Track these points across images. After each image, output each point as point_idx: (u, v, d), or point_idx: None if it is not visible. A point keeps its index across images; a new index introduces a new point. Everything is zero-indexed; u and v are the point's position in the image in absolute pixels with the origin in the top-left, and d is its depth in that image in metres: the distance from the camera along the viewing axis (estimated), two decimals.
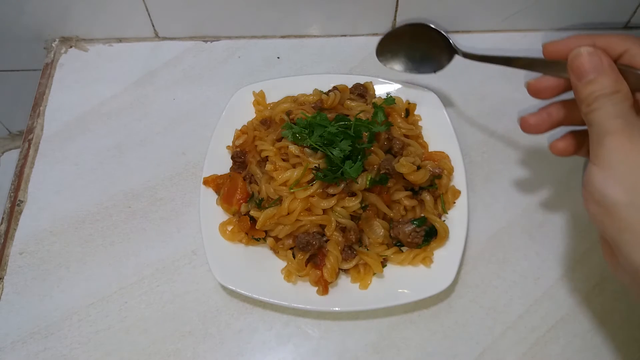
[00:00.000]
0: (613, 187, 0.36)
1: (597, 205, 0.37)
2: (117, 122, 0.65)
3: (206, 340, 0.52)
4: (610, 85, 0.37)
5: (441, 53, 0.56)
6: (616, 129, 0.36)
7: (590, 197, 0.38)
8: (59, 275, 0.55)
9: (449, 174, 0.56)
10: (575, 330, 0.51)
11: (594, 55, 0.38)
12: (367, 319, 0.52)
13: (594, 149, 0.38)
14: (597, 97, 0.37)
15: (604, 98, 0.37)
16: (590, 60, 0.38)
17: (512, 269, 0.54)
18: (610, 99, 0.37)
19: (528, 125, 0.46)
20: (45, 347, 0.52)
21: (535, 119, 0.45)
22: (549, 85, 0.44)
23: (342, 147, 0.51)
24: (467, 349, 0.50)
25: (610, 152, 0.36)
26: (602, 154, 0.37)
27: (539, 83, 0.45)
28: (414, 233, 0.52)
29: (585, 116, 0.39)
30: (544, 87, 0.45)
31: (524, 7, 0.66)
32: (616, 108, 0.37)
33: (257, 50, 0.70)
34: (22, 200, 0.60)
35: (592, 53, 0.38)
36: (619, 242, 0.36)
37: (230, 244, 0.54)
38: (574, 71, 0.39)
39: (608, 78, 0.38)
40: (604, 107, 0.37)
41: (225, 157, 0.59)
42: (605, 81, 0.37)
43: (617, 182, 0.36)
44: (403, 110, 0.60)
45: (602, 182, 0.37)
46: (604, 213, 0.37)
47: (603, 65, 0.38)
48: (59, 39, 0.71)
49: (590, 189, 0.38)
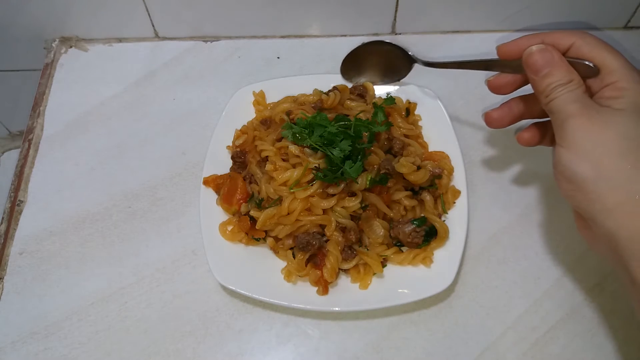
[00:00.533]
0: (580, 164, 0.39)
1: (568, 182, 0.41)
2: (117, 122, 0.65)
3: (206, 340, 0.52)
4: (563, 75, 0.42)
5: (402, 64, 0.60)
6: (575, 112, 0.40)
7: (561, 176, 0.41)
8: (59, 275, 0.55)
9: (449, 174, 0.56)
10: (575, 330, 0.51)
11: (546, 51, 0.43)
12: (367, 319, 0.52)
13: (558, 133, 0.41)
14: (553, 87, 0.42)
15: (560, 87, 0.41)
16: (542, 57, 0.43)
17: (512, 269, 0.54)
18: (566, 87, 0.41)
19: (492, 120, 0.50)
20: (45, 347, 0.52)
21: (498, 113, 0.50)
22: (507, 82, 0.49)
23: (342, 147, 0.51)
24: (467, 349, 0.50)
25: (574, 133, 0.40)
26: (566, 135, 0.40)
27: (498, 80, 0.49)
28: (414, 233, 0.52)
29: (546, 106, 0.43)
30: (502, 83, 0.49)
31: (524, 7, 0.66)
32: (572, 94, 0.41)
33: (257, 50, 0.70)
34: (22, 200, 0.60)
35: (543, 49, 0.43)
36: (592, 213, 0.39)
37: (230, 244, 0.54)
38: (529, 67, 0.44)
39: (560, 70, 0.42)
40: (562, 95, 0.41)
41: (225, 157, 0.59)
42: (558, 73, 0.42)
43: (583, 159, 0.39)
44: (403, 110, 0.60)
45: (570, 161, 0.40)
46: (575, 189, 0.40)
47: (554, 59, 0.42)
48: (59, 39, 0.71)
49: (560, 169, 0.41)
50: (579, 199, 0.40)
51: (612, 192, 0.38)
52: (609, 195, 0.38)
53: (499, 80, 0.49)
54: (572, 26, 0.69)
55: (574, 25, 0.69)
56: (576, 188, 0.40)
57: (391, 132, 0.56)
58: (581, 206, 0.41)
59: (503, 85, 0.49)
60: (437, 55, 0.68)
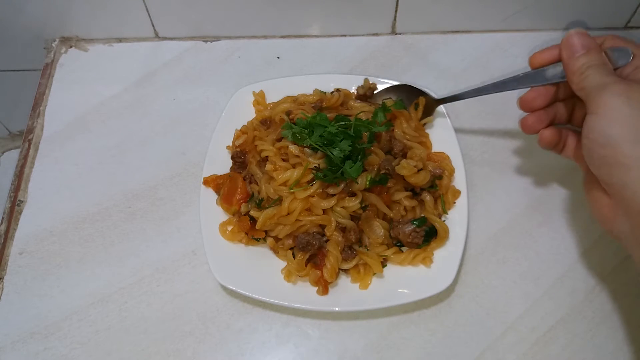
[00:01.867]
0: (618, 126, 0.39)
1: (603, 148, 0.40)
2: (117, 122, 0.65)
3: (206, 340, 0.52)
4: (598, 57, 0.44)
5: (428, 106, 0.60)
6: (613, 80, 0.41)
7: (594, 144, 0.41)
8: (59, 275, 0.55)
9: (449, 174, 0.56)
10: (575, 330, 0.51)
11: (584, 35, 0.45)
12: (367, 319, 0.52)
13: (593, 102, 0.42)
14: (588, 67, 0.43)
15: (594, 67, 0.43)
16: (581, 39, 0.45)
17: (512, 269, 0.54)
18: (600, 67, 0.43)
19: (528, 125, 0.50)
20: (45, 346, 0.52)
21: (534, 118, 0.50)
22: (539, 94, 0.49)
23: (342, 147, 0.51)
24: (467, 349, 0.50)
25: (612, 98, 0.40)
26: (603, 102, 0.41)
27: (529, 95, 0.49)
28: (414, 233, 0.52)
29: (579, 84, 0.43)
30: (534, 96, 0.49)
31: (524, 7, 0.66)
32: (607, 71, 0.43)
33: (257, 50, 0.70)
34: (22, 200, 0.60)
35: (582, 33, 0.45)
36: (626, 181, 0.39)
37: (230, 244, 0.54)
38: (567, 49, 0.45)
39: (596, 52, 0.44)
40: (596, 73, 0.42)
41: (225, 157, 0.59)
42: (594, 54, 0.44)
43: (621, 121, 0.39)
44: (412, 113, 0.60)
45: (606, 125, 0.40)
46: (610, 154, 0.40)
47: (592, 43, 0.44)
48: (59, 39, 0.71)
49: (593, 136, 0.41)
50: (611, 167, 0.40)
51: None
52: None
53: (531, 94, 0.49)
54: (572, 26, 0.69)
55: (574, 25, 0.69)
56: (610, 154, 0.40)
57: (393, 133, 0.56)
58: (613, 175, 0.40)
59: (535, 97, 0.49)
60: (437, 55, 0.68)
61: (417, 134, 0.58)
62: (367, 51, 0.69)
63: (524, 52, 0.68)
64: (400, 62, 0.68)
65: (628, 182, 0.39)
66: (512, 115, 0.63)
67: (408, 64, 0.67)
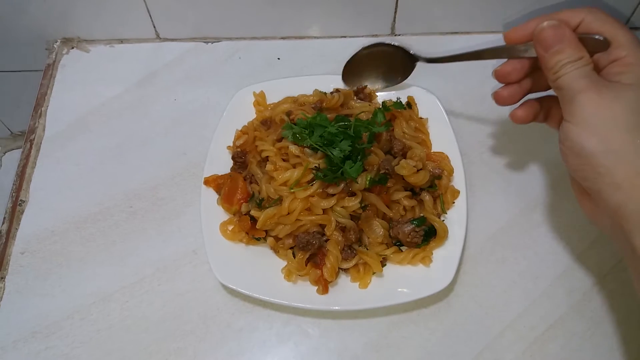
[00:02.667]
0: (589, 138, 0.40)
1: (577, 157, 0.41)
2: (118, 123, 0.65)
3: (207, 339, 0.52)
4: (573, 53, 0.42)
5: (403, 64, 0.60)
6: (585, 87, 0.41)
7: (569, 151, 0.42)
8: (60, 274, 0.56)
9: (449, 174, 0.57)
10: (573, 329, 0.51)
11: (557, 27, 0.43)
12: (367, 318, 0.52)
13: (566, 108, 0.42)
14: (563, 64, 0.42)
15: (569, 64, 0.41)
16: (554, 33, 0.43)
17: (511, 269, 0.54)
18: (575, 65, 0.41)
19: (502, 98, 0.50)
20: (46, 346, 0.52)
21: (508, 91, 0.50)
22: (514, 68, 0.48)
23: (342, 147, 0.51)
24: (466, 348, 0.51)
25: (583, 108, 0.40)
26: (575, 111, 0.41)
27: (505, 68, 0.49)
28: (414, 233, 0.52)
29: (554, 82, 0.43)
30: (509, 70, 0.49)
31: (523, 8, 0.67)
32: (581, 71, 0.41)
33: (257, 51, 0.70)
34: (23, 200, 0.60)
35: (554, 25, 0.43)
36: (600, 186, 0.40)
37: (231, 243, 0.55)
38: (540, 43, 0.43)
39: (571, 46, 0.42)
40: (571, 72, 0.41)
41: (225, 157, 0.59)
42: (568, 49, 0.42)
43: (591, 133, 0.40)
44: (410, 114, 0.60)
45: (579, 135, 0.40)
46: (584, 163, 0.41)
47: (565, 36, 0.42)
48: (60, 40, 0.71)
49: (568, 144, 0.42)
50: (587, 174, 0.41)
51: (620, 166, 0.39)
52: (617, 169, 0.39)
53: (506, 68, 0.49)
54: None
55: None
56: (584, 162, 0.40)
57: (393, 133, 0.57)
58: (588, 180, 0.41)
59: (510, 72, 0.49)
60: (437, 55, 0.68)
61: (417, 134, 0.59)
62: None
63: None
64: None
65: (602, 187, 0.40)
66: None
67: None
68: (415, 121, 0.60)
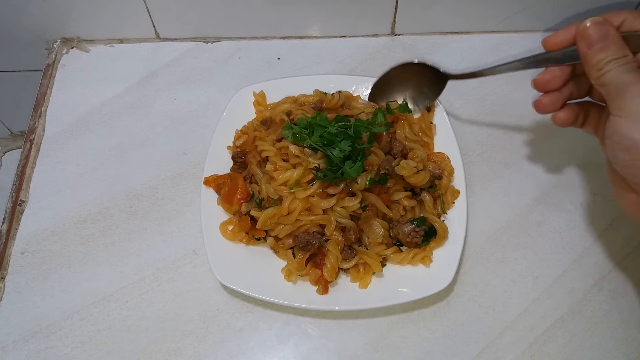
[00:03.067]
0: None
1: (627, 151, 0.40)
2: (118, 123, 0.65)
3: (207, 339, 0.52)
4: (617, 50, 0.41)
5: (434, 82, 0.58)
6: (633, 80, 0.40)
7: (618, 146, 0.41)
8: (60, 274, 0.56)
9: (449, 175, 0.57)
10: (573, 329, 0.51)
11: (601, 24, 0.42)
12: (367, 318, 0.52)
13: (614, 103, 0.41)
14: (607, 61, 0.41)
15: (614, 61, 0.41)
16: (598, 29, 0.42)
17: (511, 269, 0.54)
18: (619, 61, 0.41)
19: (543, 105, 0.48)
20: (46, 346, 0.52)
21: (549, 99, 0.48)
22: (553, 76, 0.47)
23: (342, 147, 0.51)
24: (466, 348, 0.51)
25: (634, 100, 0.39)
26: (625, 104, 0.40)
27: (544, 77, 0.48)
28: (414, 233, 0.52)
29: (598, 79, 0.42)
30: (549, 78, 0.47)
31: (523, 8, 0.67)
32: (626, 67, 0.41)
33: (257, 51, 0.70)
34: (23, 200, 0.60)
35: (598, 22, 0.42)
36: None
37: (231, 243, 0.55)
38: (584, 40, 0.43)
39: (615, 44, 0.41)
40: (616, 68, 0.41)
41: (225, 157, 0.59)
42: (613, 47, 0.41)
43: None
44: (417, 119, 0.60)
45: (630, 128, 0.39)
46: (635, 158, 0.39)
47: (609, 33, 0.42)
48: (60, 40, 0.71)
49: (617, 139, 0.40)
50: (637, 169, 0.40)
51: None
52: None
53: (545, 76, 0.47)
54: None
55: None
56: (636, 157, 0.39)
57: (394, 134, 0.57)
58: (638, 175, 0.40)
59: (550, 80, 0.47)
60: (437, 56, 0.68)
61: (420, 137, 0.59)
62: (366, 52, 0.69)
63: (522, 52, 0.68)
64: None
65: None
66: (511, 116, 0.63)
67: None
68: (423, 126, 0.59)
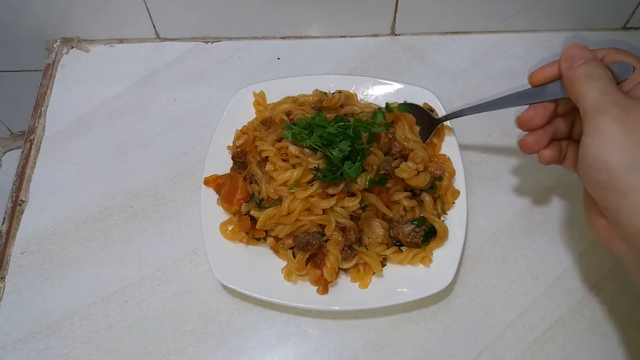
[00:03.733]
0: (613, 153, 0.39)
1: (598, 173, 0.40)
2: (118, 123, 0.65)
3: (207, 339, 0.52)
4: (598, 67, 0.42)
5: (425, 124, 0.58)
6: (610, 102, 0.40)
7: (590, 168, 0.40)
8: (60, 274, 0.56)
9: (450, 176, 0.57)
10: (573, 329, 0.51)
11: (584, 47, 0.44)
12: (367, 318, 0.52)
13: (589, 124, 0.41)
14: (588, 77, 0.42)
15: (594, 78, 0.42)
16: (580, 50, 0.44)
17: (511, 269, 0.54)
18: (600, 79, 0.41)
19: (528, 144, 0.48)
20: (46, 346, 0.52)
21: (534, 138, 0.48)
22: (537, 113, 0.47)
23: (341, 148, 0.51)
24: (466, 348, 0.51)
25: (608, 123, 0.39)
26: (599, 125, 0.40)
27: (527, 114, 0.48)
28: (414, 233, 0.52)
29: (577, 96, 0.42)
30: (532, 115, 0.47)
31: (522, 9, 0.67)
32: (606, 87, 0.41)
33: (257, 51, 0.70)
34: (23, 200, 0.60)
35: (581, 45, 0.44)
36: (621, 206, 0.38)
37: (231, 243, 0.55)
38: (566, 60, 0.44)
39: (595, 62, 0.43)
40: (596, 86, 0.41)
41: (225, 157, 0.59)
42: (594, 64, 0.43)
43: (617, 148, 0.39)
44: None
45: (602, 150, 0.39)
46: (605, 180, 0.39)
47: (590, 54, 0.44)
48: (60, 40, 0.71)
49: (589, 160, 0.40)
50: (609, 190, 0.39)
51: None
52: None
53: (528, 113, 0.48)
54: (570, 27, 0.69)
55: (572, 26, 0.69)
56: (606, 180, 0.39)
57: (394, 135, 0.56)
58: (609, 200, 0.40)
59: (534, 116, 0.47)
60: (437, 56, 0.68)
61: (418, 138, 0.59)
62: (366, 52, 0.69)
63: (522, 52, 0.68)
64: (399, 63, 0.68)
65: (623, 207, 0.38)
66: (510, 116, 0.63)
67: (407, 65, 0.68)
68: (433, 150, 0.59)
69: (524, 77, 0.50)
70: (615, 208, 0.39)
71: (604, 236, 0.43)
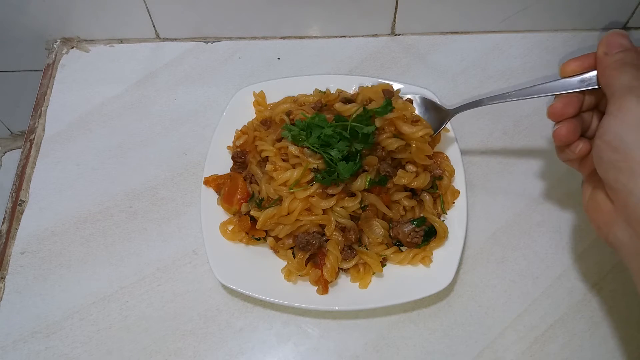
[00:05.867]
0: (634, 133, 0.39)
1: (614, 152, 0.40)
2: (118, 123, 0.65)
3: (207, 339, 0.52)
4: (635, 57, 0.43)
5: (434, 116, 0.58)
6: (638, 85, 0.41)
7: (607, 145, 0.41)
8: (60, 274, 0.56)
9: (450, 175, 0.57)
10: (573, 329, 0.51)
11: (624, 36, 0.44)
12: (367, 318, 0.52)
13: (615, 104, 0.41)
14: (623, 63, 0.42)
15: (629, 65, 0.42)
16: (620, 38, 0.44)
17: (511, 269, 0.54)
18: (634, 67, 0.42)
19: (563, 136, 0.47)
20: (46, 346, 0.52)
21: (568, 128, 0.47)
22: (570, 100, 0.46)
23: (339, 148, 0.51)
24: (466, 348, 0.51)
25: (635, 104, 0.40)
26: (626, 105, 0.40)
27: (557, 104, 0.47)
28: (414, 233, 0.52)
29: (607, 79, 0.43)
30: (563, 104, 0.46)
31: (523, 8, 0.67)
32: (638, 74, 0.42)
33: (257, 51, 0.70)
34: (23, 200, 0.60)
35: (622, 34, 0.44)
36: (632, 188, 0.39)
37: (231, 243, 0.55)
38: (606, 45, 0.44)
39: (633, 52, 0.43)
40: (629, 72, 0.42)
41: (225, 157, 0.59)
42: (632, 53, 0.43)
43: (638, 129, 0.39)
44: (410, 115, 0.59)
45: (622, 129, 0.40)
46: (620, 159, 0.40)
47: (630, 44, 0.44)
48: (60, 40, 0.71)
49: (607, 137, 0.41)
50: (620, 172, 0.40)
51: None
52: None
53: (559, 103, 0.46)
54: (570, 27, 0.69)
55: (572, 26, 0.69)
56: (621, 158, 0.39)
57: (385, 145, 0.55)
58: (619, 180, 0.40)
59: (566, 105, 0.46)
60: (437, 56, 0.68)
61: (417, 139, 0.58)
62: (366, 52, 0.69)
63: (522, 52, 0.68)
64: (399, 63, 0.68)
65: (634, 189, 0.38)
66: (510, 116, 0.63)
67: (407, 65, 0.68)
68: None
69: (524, 77, 0.50)
70: (626, 190, 0.39)
71: (604, 220, 0.43)
